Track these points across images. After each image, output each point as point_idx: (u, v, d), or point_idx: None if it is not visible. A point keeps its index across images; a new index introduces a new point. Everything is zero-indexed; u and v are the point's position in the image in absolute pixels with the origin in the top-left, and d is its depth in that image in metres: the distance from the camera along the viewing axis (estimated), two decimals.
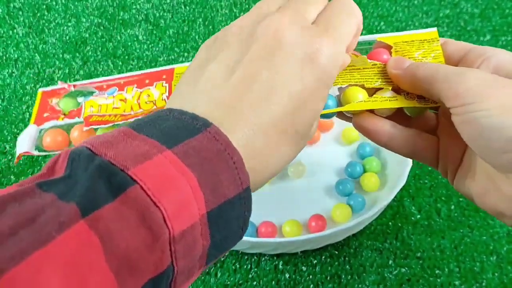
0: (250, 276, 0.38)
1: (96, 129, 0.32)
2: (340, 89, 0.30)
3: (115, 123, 0.31)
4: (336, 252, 0.39)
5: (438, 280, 0.38)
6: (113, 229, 0.16)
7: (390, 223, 0.41)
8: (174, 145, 0.19)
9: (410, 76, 0.27)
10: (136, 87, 0.33)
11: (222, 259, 0.39)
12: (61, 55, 0.55)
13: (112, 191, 0.17)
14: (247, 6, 0.59)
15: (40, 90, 0.34)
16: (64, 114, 0.33)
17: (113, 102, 0.32)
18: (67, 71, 0.54)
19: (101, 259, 0.16)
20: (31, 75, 0.53)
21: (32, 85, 0.53)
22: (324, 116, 0.30)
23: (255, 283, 0.38)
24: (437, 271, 0.38)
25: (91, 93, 0.33)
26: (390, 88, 0.28)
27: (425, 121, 0.30)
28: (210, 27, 0.57)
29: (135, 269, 0.17)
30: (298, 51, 0.22)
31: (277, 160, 0.23)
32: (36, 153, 0.32)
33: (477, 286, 0.37)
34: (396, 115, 0.29)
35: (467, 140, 0.24)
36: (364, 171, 0.43)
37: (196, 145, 0.19)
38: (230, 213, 0.20)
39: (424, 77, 0.26)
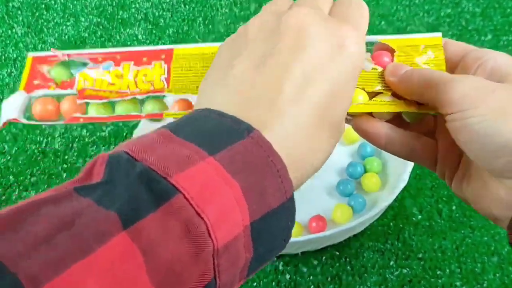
0: (250, 277, 0.38)
1: (88, 104, 0.30)
2: None
3: (110, 99, 0.30)
4: (337, 253, 0.39)
5: (440, 281, 0.38)
6: (156, 241, 0.16)
7: (391, 224, 0.41)
8: (217, 151, 0.18)
9: (406, 82, 0.27)
10: (133, 64, 0.31)
11: None
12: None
13: (154, 200, 0.16)
14: (247, 5, 0.59)
15: (30, 55, 0.32)
16: (56, 84, 0.31)
17: (108, 78, 0.31)
18: None
19: (142, 272, 0.16)
20: None
21: None
22: None
23: (255, 284, 0.38)
24: (438, 272, 0.38)
25: (85, 64, 0.32)
26: (390, 93, 0.28)
27: (423, 124, 0.30)
28: (210, 26, 0.57)
29: (177, 283, 0.16)
30: (327, 40, 0.22)
31: (319, 155, 0.23)
32: (24, 121, 0.30)
33: (478, 287, 0.37)
34: (395, 118, 0.29)
35: (462, 145, 0.24)
36: (365, 171, 0.43)
37: (239, 151, 0.18)
38: (274, 223, 0.19)
39: (418, 84, 0.26)
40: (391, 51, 0.30)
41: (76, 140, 0.47)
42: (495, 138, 0.22)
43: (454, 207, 0.42)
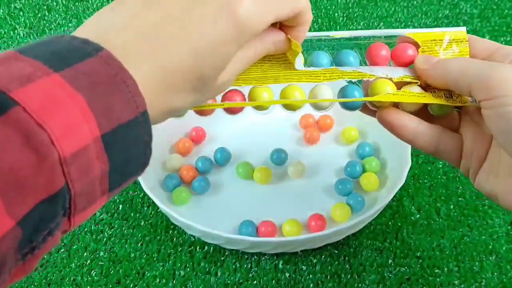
0: (250, 275, 0.39)
1: None
2: (366, 82, 0.30)
3: None
4: (336, 252, 0.40)
5: (438, 279, 0.38)
6: None
7: (389, 223, 0.41)
8: (63, 68, 0.19)
9: (441, 69, 0.27)
10: None
11: (222, 258, 0.39)
12: None
13: None
14: None
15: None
16: None
17: None
18: None
19: None
20: None
21: None
22: (349, 105, 0.29)
23: (255, 282, 0.38)
24: (436, 271, 0.38)
25: None
26: (418, 83, 0.28)
27: (448, 119, 0.30)
28: None
29: (22, 189, 0.17)
30: None
31: (177, 100, 0.23)
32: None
33: (476, 286, 0.38)
34: (419, 112, 0.29)
35: (496, 134, 0.24)
36: (364, 171, 0.43)
37: (85, 69, 0.19)
38: (127, 136, 0.20)
39: (455, 70, 0.26)
40: (415, 45, 0.30)
41: None
42: None
43: (452, 206, 0.42)
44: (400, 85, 0.29)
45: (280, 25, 0.27)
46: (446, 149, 0.28)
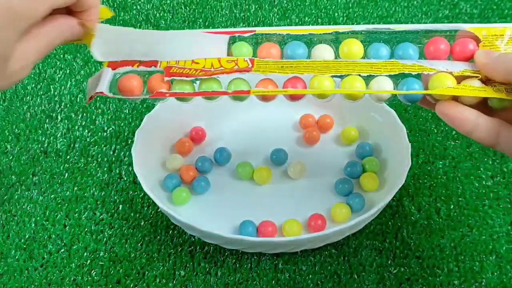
0: (250, 275, 0.39)
1: (172, 81, 0.31)
2: (426, 75, 0.30)
3: (197, 77, 0.31)
4: (336, 252, 0.40)
5: (438, 279, 0.38)
6: None
7: (389, 223, 0.41)
8: None
9: (502, 64, 0.27)
10: None
11: (222, 258, 0.39)
12: (62, 56, 0.55)
13: None
14: (247, 7, 0.59)
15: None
16: (140, 62, 0.32)
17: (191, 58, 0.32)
18: (68, 71, 0.54)
19: None
20: (32, 75, 0.53)
21: (33, 85, 0.53)
22: (409, 98, 0.30)
23: (255, 282, 0.38)
24: (436, 271, 0.38)
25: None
26: (478, 77, 0.29)
27: (508, 112, 0.30)
28: (210, 27, 0.57)
29: None
30: None
31: None
32: (110, 95, 0.31)
33: (477, 286, 0.38)
34: (479, 105, 0.29)
35: None
36: (364, 171, 0.43)
37: None
38: None
39: None
40: (476, 39, 0.30)
41: (78, 140, 0.47)
42: None
43: (452, 206, 0.42)
44: (460, 79, 0.29)
45: (70, 11, 0.28)
46: (505, 142, 0.29)
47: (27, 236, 0.41)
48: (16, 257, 0.39)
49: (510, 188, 0.43)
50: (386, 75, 0.30)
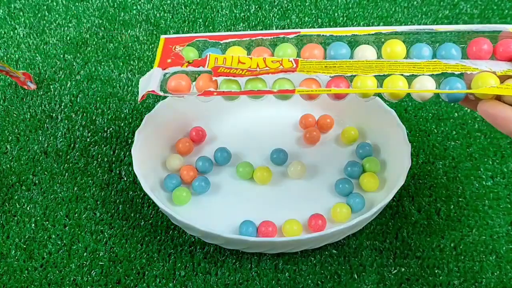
0: (250, 275, 0.39)
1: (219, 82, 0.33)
2: (469, 74, 0.30)
3: (243, 77, 0.32)
4: (336, 252, 0.40)
5: (438, 279, 0.38)
6: None
7: (389, 223, 0.41)
8: None
9: None
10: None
11: (223, 258, 0.39)
12: (62, 56, 0.55)
13: None
14: (247, 7, 0.59)
15: (162, 37, 0.35)
16: (189, 62, 0.34)
17: (238, 57, 0.33)
18: (68, 71, 0.54)
19: None
20: (32, 75, 0.53)
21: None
22: (452, 97, 0.30)
23: (255, 282, 0.38)
24: (436, 271, 0.38)
25: (215, 44, 0.34)
26: None
27: None
28: (211, 27, 0.57)
29: None
30: None
31: None
32: (161, 93, 0.34)
33: (477, 286, 0.38)
34: None
35: None
36: (364, 171, 0.43)
37: None
38: None
39: None
40: None
41: (78, 140, 0.47)
42: None
43: (452, 206, 0.42)
44: (503, 78, 0.29)
45: None
46: None
47: (27, 236, 0.41)
48: (16, 257, 0.39)
49: (510, 188, 0.43)
50: (428, 75, 0.30)
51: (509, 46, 0.30)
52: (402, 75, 0.31)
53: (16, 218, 0.42)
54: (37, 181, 0.44)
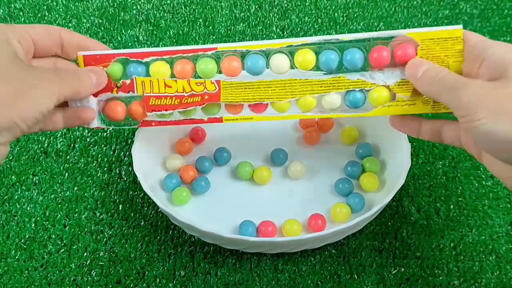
0: (250, 275, 0.39)
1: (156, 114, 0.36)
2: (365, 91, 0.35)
3: (175, 109, 0.36)
4: (336, 252, 0.40)
5: (438, 279, 0.38)
6: None
7: (389, 223, 0.41)
8: None
9: (422, 86, 0.32)
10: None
11: (222, 258, 0.39)
12: None
13: None
14: (247, 7, 0.60)
15: (79, 54, 0.35)
16: (117, 87, 0.36)
17: (163, 80, 0.35)
18: None
19: None
20: None
21: None
22: (354, 109, 0.36)
23: (255, 282, 0.38)
24: (436, 271, 0.38)
25: (138, 62, 0.36)
26: (410, 91, 0.34)
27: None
28: (211, 27, 0.57)
29: None
30: None
31: None
32: (104, 126, 0.37)
33: (476, 286, 0.38)
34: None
35: (473, 142, 0.29)
36: (364, 171, 0.43)
37: None
38: None
39: (433, 91, 0.31)
40: (415, 44, 0.33)
41: (78, 140, 0.47)
42: (495, 138, 0.27)
43: (451, 206, 0.42)
44: (397, 89, 0.34)
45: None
46: (446, 136, 0.33)
47: (27, 236, 0.41)
48: (16, 257, 0.39)
49: None
50: (334, 93, 0.35)
51: (405, 51, 0.33)
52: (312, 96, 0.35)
53: (16, 218, 0.42)
54: (37, 181, 0.44)
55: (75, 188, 0.44)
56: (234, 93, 0.35)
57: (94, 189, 0.44)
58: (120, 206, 0.43)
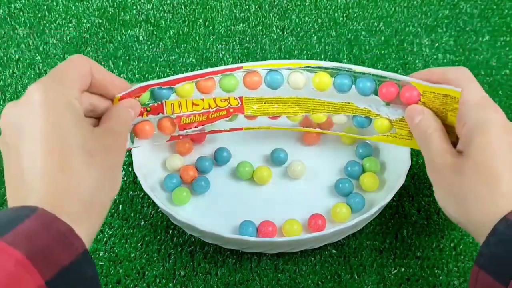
0: (250, 275, 0.39)
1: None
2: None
3: (203, 125, 0.40)
4: (336, 252, 0.40)
5: (438, 279, 0.38)
6: None
7: (389, 223, 0.41)
8: (3, 234, 0.22)
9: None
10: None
11: (222, 258, 0.39)
12: (62, 56, 0.55)
13: None
14: (247, 7, 0.59)
15: (117, 96, 0.35)
16: (147, 110, 0.38)
17: (191, 101, 0.39)
18: None
19: None
20: (32, 75, 0.53)
21: None
22: (360, 128, 0.41)
23: (255, 282, 0.38)
24: (436, 271, 0.38)
25: (168, 89, 0.38)
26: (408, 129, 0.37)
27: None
28: (211, 27, 0.57)
29: None
30: None
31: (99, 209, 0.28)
32: (132, 146, 0.39)
33: None
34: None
35: None
36: (364, 171, 0.43)
37: (23, 228, 0.22)
38: (72, 277, 0.22)
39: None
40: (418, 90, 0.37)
41: None
42: (447, 212, 0.33)
43: None
44: (397, 123, 0.38)
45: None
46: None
47: None
48: None
49: None
50: (343, 115, 0.40)
51: (411, 93, 0.36)
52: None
53: None
54: None
55: None
56: (255, 107, 0.40)
57: None
58: (120, 206, 0.43)
